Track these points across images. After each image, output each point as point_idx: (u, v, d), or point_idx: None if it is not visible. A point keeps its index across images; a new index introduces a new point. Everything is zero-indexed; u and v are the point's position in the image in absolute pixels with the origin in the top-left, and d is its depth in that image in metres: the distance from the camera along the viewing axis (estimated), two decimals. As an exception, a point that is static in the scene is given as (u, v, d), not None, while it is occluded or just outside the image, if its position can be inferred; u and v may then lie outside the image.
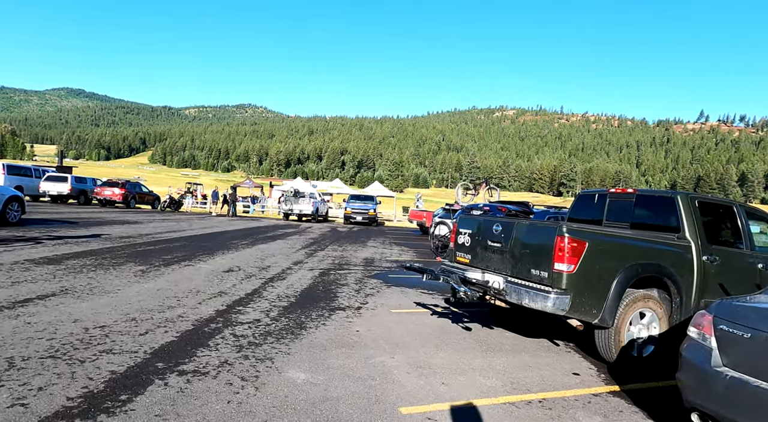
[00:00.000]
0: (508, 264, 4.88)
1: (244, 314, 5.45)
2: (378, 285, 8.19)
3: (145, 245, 10.80)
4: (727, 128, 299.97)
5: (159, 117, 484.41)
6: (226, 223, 20.98)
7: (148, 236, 12.76)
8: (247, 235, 15.73)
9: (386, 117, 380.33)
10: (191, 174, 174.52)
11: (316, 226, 23.65)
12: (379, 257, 12.34)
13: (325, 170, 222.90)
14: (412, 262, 6.63)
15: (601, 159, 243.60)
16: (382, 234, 21.70)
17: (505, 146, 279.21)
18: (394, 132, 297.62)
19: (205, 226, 18.12)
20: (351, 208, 26.66)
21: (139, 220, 18.16)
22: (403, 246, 16.30)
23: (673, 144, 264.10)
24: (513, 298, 4.62)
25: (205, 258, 9.51)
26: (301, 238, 16.25)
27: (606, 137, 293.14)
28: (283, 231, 18.67)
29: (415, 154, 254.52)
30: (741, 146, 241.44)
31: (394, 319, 5.93)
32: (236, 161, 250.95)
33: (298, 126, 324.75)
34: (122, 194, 26.09)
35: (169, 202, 28.21)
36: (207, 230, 16.47)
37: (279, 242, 14.11)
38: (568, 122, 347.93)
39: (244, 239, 14.14)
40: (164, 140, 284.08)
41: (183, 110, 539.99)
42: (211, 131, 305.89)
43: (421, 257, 13.38)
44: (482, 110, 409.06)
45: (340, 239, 17.34)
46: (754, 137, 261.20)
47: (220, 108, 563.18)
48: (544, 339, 5.59)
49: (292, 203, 25.88)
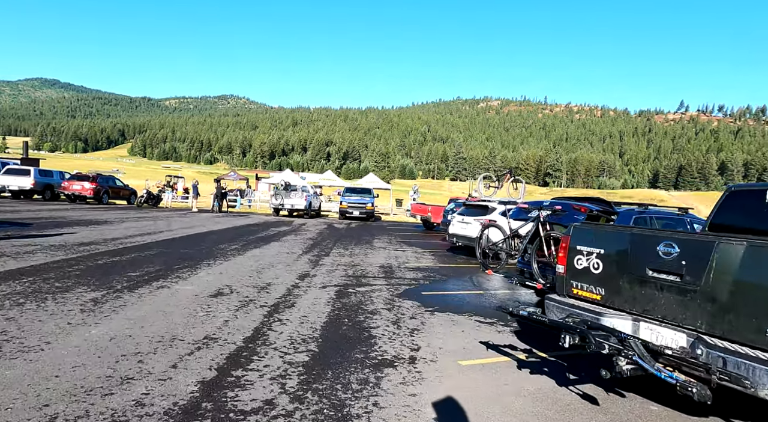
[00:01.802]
0: (700, 313, 2.91)
1: (245, 388, 3.40)
2: (417, 311, 6.19)
3: (108, 255, 8.60)
4: (707, 117, 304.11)
5: (138, 108, 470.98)
6: (211, 221, 18.72)
7: (116, 241, 10.53)
8: (236, 236, 13.56)
9: (371, 108, 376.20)
10: (173, 167, 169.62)
11: (311, 223, 21.51)
12: (397, 264, 10.34)
13: (310, 162, 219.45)
14: (460, 280, 4.60)
15: (585, 149, 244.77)
16: (384, 231, 19.70)
17: (490, 136, 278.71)
18: (379, 123, 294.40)
19: (187, 225, 15.87)
20: (347, 202, 24.54)
21: (109, 219, 15.81)
22: (415, 247, 14.32)
23: (654, 134, 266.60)
24: (732, 379, 2.61)
25: (185, 274, 7.38)
26: (298, 239, 14.14)
27: (589, 127, 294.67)
28: (276, 230, 16.52)
29: (401, 145, 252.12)
30: (720, 136, 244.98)
31: (472, 382, 3.94)
32: (219, 153, 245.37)
33: (282, 117, 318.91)
34: (93, 188, 23.54)
35: (147, 197, 25.70)
36: (188, 230, 14.24)
37: (274, 246, 12.00)
38: (552, 113, 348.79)
39: (233, 243, 11.99)
40: (144, 131, 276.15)
41: (163, 101, 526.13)
42: (193, 123, 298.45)
43: (442, 260, 11.44)
44: (467, 101, 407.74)
45: (342, 238, 15.28)
46: (732, 127, 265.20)
47: (201, 99, 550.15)
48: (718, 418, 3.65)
49: (283, 197, 23.64)
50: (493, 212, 12.15)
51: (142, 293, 5.88)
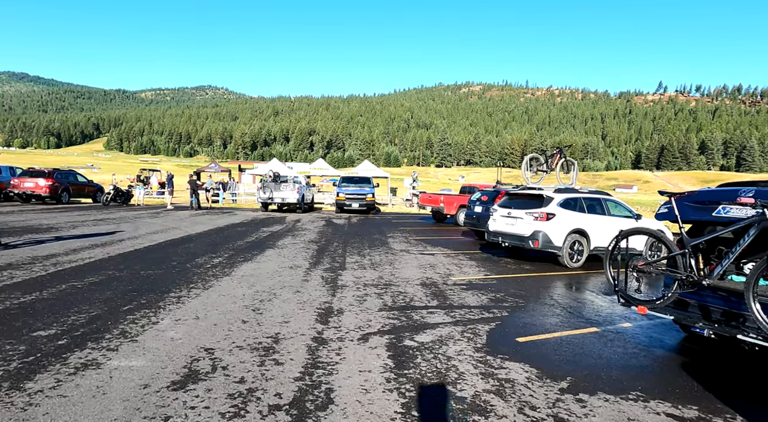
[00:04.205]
0: None
1: None
2: (547, 393, 3.52)
3: (24, 288, 5.73)
4: (685, 98, 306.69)
5: (113, 101, 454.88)
6: (188, 221, 15.75)
7: (50, 259, 7.61)
8: (219, 243, 10.69)
9: (353, 96, 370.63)
10: (151, 160, 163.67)
11: (306, 219, 18.66)
12: (440, 278, 7.67)
13: (293, 152, 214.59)
14: (543, 303, 2.17)
15: (568, 132, 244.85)
16: (392, 226, 16.98)
17: (473, 121, 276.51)
18: (362, 111, 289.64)
19: (158, 228, 12.91)
20: (345, 193, 21.68)
21: (58, 224, 12.75)
22: (441, 247, 11.65)
23: (635, 115, 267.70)
24: None
25: (135, 327, 4.57)
26: (297, 243, 11.34)
27: (571, 110, 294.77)
28: (268, 230, 13.66)
29: (385, 132, 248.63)
30: (698, 116, 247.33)
31: None
32: (199, 145, 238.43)
33: (263, 107, 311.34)
34: (49, 186, 20.24)
35: (114, 194, 22.44)
36: (158, 236, 11.31)
37: (271, 256, 9.19)
38: (534, 96, 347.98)
39: (216, 253, 9.15)
40: (120, 125, 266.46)
41: (139, 93, 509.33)
42: (170, 115, 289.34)
43: (489, 267, 8.80)
44: (449, 87, 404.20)
45: (349, 239, 12.53)
46: (710, 106, 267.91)
47: (178, 90, 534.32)
48: None
49: (272, 190, 20.66)
50: (550, 204, 9.53)
51: (45, 386, 3.09)
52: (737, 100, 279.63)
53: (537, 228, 9.35)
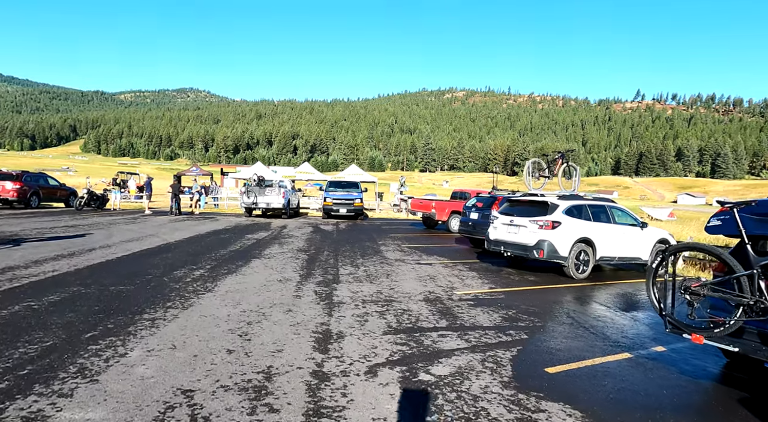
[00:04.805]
0: None
1: None
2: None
3: (-27, 309, 4.91)
4: (661, 106, 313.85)
5: (91, 103, 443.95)
6: (167, 227, 14.85)
7: (6, 273, 6.75)
8: (200, 253, 9.89)
9: (337, 100, 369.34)
10: (130, 163, 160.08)
11: (292, 224, 17.88)
12: (444, 293, 7.05)
13: (276, 155, 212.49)
14: (559, 322, 2.08)
15: (549, 138, 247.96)
16: (382, 232, 16.33)
17: (457, 127, 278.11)
18: (346, 115, 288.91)
19: (133, 236, 12.02)
20: (332, 198, 20.95)
21: (23, 231, 11.75)
22: (437, 256, 11.05)
23: (614, 122, 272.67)
24: None
25: (97, 361, 3.82)
26: (285, 251, 10.60)
27: (552, 116, 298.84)
28: (253, 238, 12.87)
29: (369, 137, 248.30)
30: (675, 123, 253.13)
31: None
32: (180, 148, 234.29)
33: (245, 110, 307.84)
34: (17, 189, 19.05)
35: (89, 198, 21.28)
36: (133, 245, 10.45)
37: (257, 267, 8.45)
38: (516, 103, 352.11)
39: (197, 265, 8.37)
40: (98, 127, 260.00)
41: (117, 95, 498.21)
42: (151, 117, 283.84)
43: (493, 280, 8.23)
44: (432, 92, 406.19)
45: (340, 247, 11.84)
46: (685, 114, 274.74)
47: (159, 92, 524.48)
48: None
49: (256, 194, 19.82)
50: (555, 211, 9.02)
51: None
52: (711, 109, 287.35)
53: (542, 237, 8.82)
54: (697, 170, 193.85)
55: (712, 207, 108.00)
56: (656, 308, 3.87)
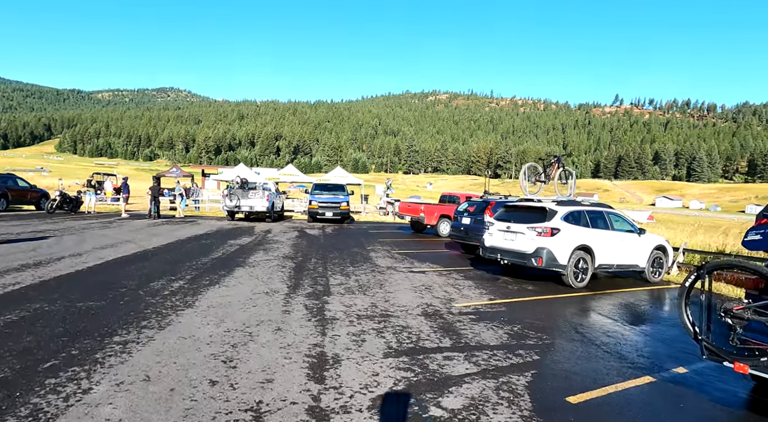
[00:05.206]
0: None
1: None
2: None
3: None
4: (639, 110, 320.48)
5: (66, 101, 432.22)
6: (145, 232, 14.12)
7: (-37, 287, 6.10)
8: (179, 261, 9.27)
9: (320, 101, 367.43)
10: (107, 163, 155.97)
11: (277, 229, 17.28)
12: (443, 306, 6.64)
13: (259, 156, 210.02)
14: (569, 339, 2.66)
15: (531, 142, 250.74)
16: (370, 237, 15.85)
17: (440, 129, 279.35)
18: (329, 117, 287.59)
19: (108, 243, 11.31)
20: (318, 201, 20.39)
21: (-11, 237, 10.96)
22: (430, 263, 10.64)
23: (594, 126, 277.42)
24: None
25: (57, 397, 3.27)
26: (271, 259, 10.05)
27: (534, 120, 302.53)
28: (236, 243, 12.27)
29: (353, 138, 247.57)
30: (652, 128, 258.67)
31: None
32: (160, 148, 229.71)
33: (227, 111, 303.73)
34: (-16, 191, 18.03)
35: (61, 201, 20.28)
36: (107, 253, 9.78)
37: (242, 278, 7.90)
38: (498, 106, 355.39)
39: (176, 275, 7.78)
40: (74, 126, 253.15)
41: (95, 94, 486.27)
42: (130, 117, 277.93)
43: (491, 290, 7.85)
44: (416, 94, 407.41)
45: (327, 254, 11.34)
46: (662, 119, 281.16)
47: (138, 92, 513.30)
48: None
49: (239, 197, 19.14)
50: (554, 217, 8.70)
51: None
52: (686, 114, 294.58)
53: (541, 245, 8.47)
54: (673, 173, 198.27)
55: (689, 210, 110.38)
56: (690, 331, 3.51)
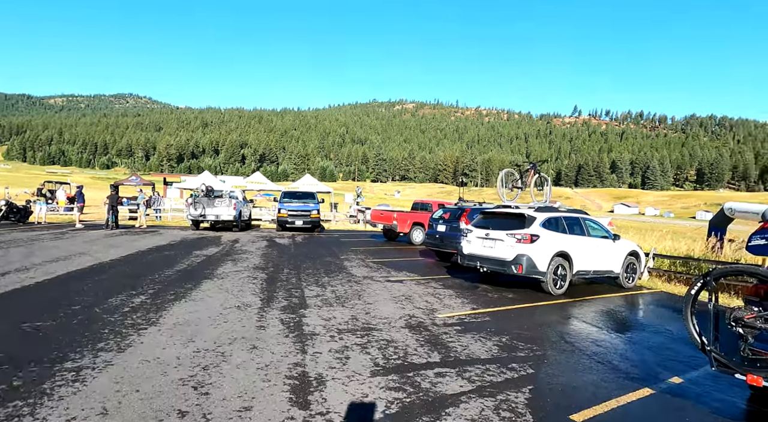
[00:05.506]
0: None
1: None
2: None
3: None
4: (596, 121, 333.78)
5: (15, 106, 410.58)
6: (102, 244, 13.23)
7: None
8: (141, 274, 8.62)
9: (287, 109, 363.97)
10: (60, 172, 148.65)
11: (245, 238, 16.62)
12: (426, 317, 6.36)
13: (223, 165, 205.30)
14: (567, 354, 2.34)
15: (495, 150, 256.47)
16: (343, 245, 15.46)
17: (407, 138, 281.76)
18: (296, 125, 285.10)
19: (59, 255, 10.47)
20: (287, 209, 19.81)
21: None
22: (407, 272, 10.37)
23: (555, 136, 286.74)
24: None
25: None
26: (240, 270, 9.52)
27: (498, 129, 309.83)
28: (202, 254, 11.62)
29: (320, 147, 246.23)
30: (609, 138, 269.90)
31: None
32: (118, 156, 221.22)
33: (190, 118, 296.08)
34: None
35: (7, 211, 18.88)
36: (58, 266, 9.00)
37: (210, 292, 7.37)
38: (464, 116, 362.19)
39: (137, 289, 7.18)
40: (23, 132, 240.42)
41: (47, 99, 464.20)
42: (85, 123, 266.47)
43: (473, 299, 7.64)
44: (383, 103, 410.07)
45: (300, 263, 10.88)
46: (618, 130, 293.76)
47: (94, 97, 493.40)
48: None
49: (204, 206, 18.36)
50: (533, 224, 8.61)
51: None
52: (640, 125, 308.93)
53: (521, 251, 8.36)
54: (629, 181, 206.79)
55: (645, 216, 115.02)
56: (697, 342, 3.37)
